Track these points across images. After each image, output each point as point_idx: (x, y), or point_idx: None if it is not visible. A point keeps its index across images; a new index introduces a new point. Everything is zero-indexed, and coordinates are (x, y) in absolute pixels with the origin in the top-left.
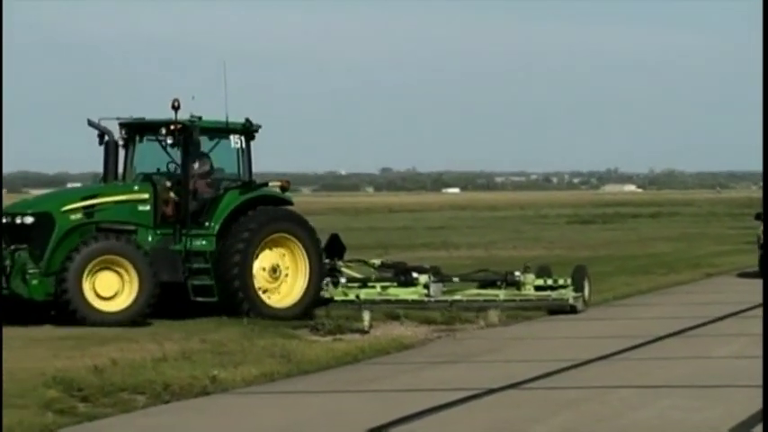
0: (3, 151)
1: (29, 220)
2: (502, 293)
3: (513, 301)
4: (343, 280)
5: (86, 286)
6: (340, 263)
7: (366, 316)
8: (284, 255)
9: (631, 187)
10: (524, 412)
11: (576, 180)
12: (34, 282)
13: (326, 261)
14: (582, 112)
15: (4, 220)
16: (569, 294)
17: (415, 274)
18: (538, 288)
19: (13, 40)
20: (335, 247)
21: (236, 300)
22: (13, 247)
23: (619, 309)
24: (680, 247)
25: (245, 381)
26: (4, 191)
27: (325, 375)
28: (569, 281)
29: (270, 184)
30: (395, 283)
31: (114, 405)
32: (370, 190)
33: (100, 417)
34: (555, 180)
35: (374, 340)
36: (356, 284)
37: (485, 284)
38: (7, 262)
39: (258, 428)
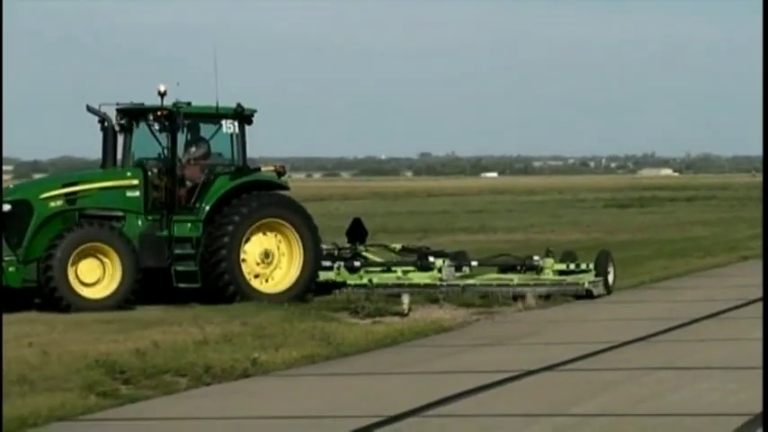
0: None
1: (6, 207)
2: (517, 278)
3: (527, 285)
4: (357, 264)
5: (71, 273)
6: (361, 247)
7: (405, 299)
8: (279, 240)
9: (668, 171)
10: (562, 394)
11: (613, 164)
12: (11, 269)
13: (348, 245)
14: (619, 97)
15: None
16: (585, 279)
17: (431, 259)
18: (562, 273)
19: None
20: (357, 232)
21: (220, 284)
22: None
23: (656, 291)
24: (716, 231)
25: (285, 363)
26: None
27: (365, 358)
28: (591, 266)
29: (263, 168)
30: (413, 268)
31: (156, 387)
32: (410, 175)
33: (142, 399)
34: (592, 164)
35: (413, 323)
36: (377, 269)
37: (505, 269)
38: None
39: (299, 410)
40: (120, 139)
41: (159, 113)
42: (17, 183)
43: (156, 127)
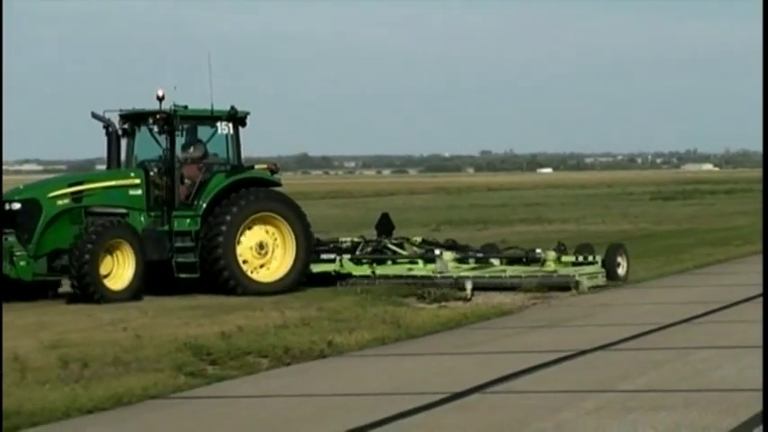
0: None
1: (16, 206)
2: (510, 269)
3: (519, 277)
4: (347, 256)
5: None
6: (385, 240)
7: (468, 285)
8: (273, 233)
9: (708, 166)
10: (613, 371)
11: (658, 160)
12: (22, 263)
13: (375, 238)
14: (663, 98)
15: (5, 206)
16: (576, 271)
17: (437, 251)
18: (574, 264)
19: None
20: (385, 226)
21: (221, 276)
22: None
23: (699, 277)
24: (754, 221)
25: (358, 345)
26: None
27: (432, 339)
28: (599, 258)
29: (256, 166)
30: (421, 261)
31: (240, 368)
32: (471, 171)
33: (227, 378)
34: (639, 160)
35: (476, 307)
36: (389, 261)
37: (512, 261)
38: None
39: (371, 388)
40: (124, 142)
41: (158, 117)
42: (27, 184)
43: (156, 129)
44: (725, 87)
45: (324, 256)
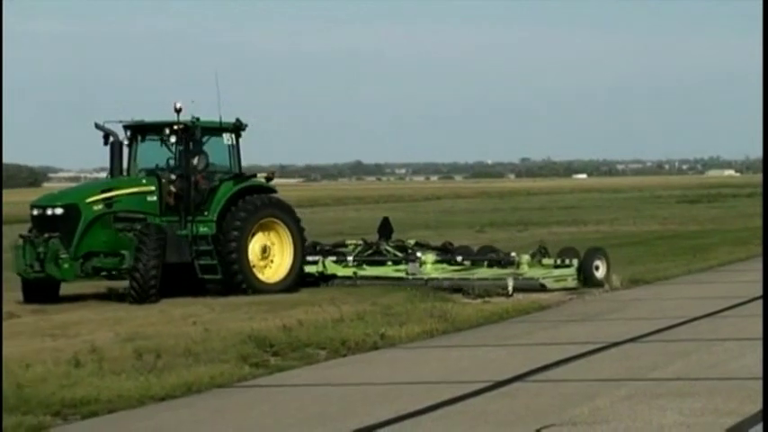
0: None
1: (59, 211)
2: (479, 271)
3: (486, 279)
4: (350, 258)
5: None
6: (383, 243)
7: (510, 282)
8: (273, 237)
9: (730, 172)
10: (643, 361)
11: (684, 166)
12: (66, 265)
13: (374, 241)
14: (688, 110)
15: (34, 212)
16: (542, 274)
17: (419, 254)
18: (556, 266)
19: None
20: (385, 229)
21: (236, 277)
22: (46, 235)
23: (722, 274)
24: None
25: (408, 337)
26: None
27: (476, 332)
28: (575, 262)
29: (258, 175)
30: (405, 263)
31: (300, 358)
32: (512, 177)
33: (288, 368)
34: (667, 166)
35: (516, 303)
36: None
37: (491, 264)
38: (41, 249)
39: (420, 377)
40: (121, 151)
41: (176, 128)
42: (62, 190)
43: (173, 140)
44: (745, 99)
45: (309, 258)
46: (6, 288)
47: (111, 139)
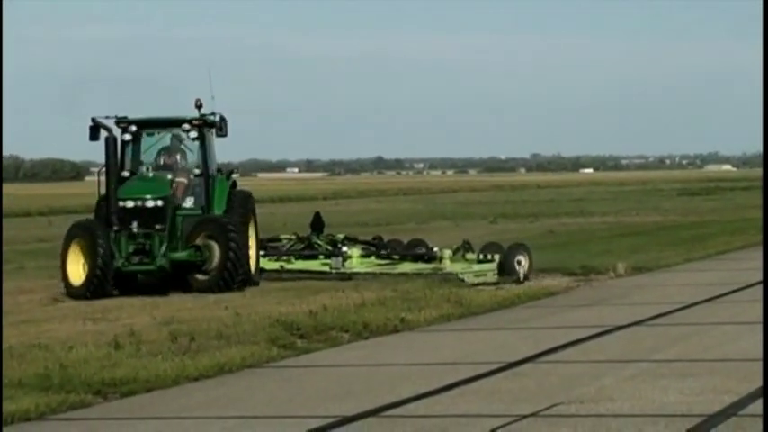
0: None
1: (160, 203)
2: (401, 266)
3: (405, 274)
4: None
5: None
6: (314, 237)
7: (521, 270)
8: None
9: (728, 166)
10: (646, 344)
11: (684, 161)
12: (171, 255)
13: (306, 236)
14: (688, 107)
15: (128, 204)
16: (462, 268)
17: (345, 249)
18: (480, 261)
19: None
20: (317, 224)
21: (238, 272)
22: (157, 227)
23: (720, 262)
24: None
25: (426, 321)
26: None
27: (490, 316)
28: (496, 257)
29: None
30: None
31: (325, 341)
32: (524, 171)
33: (313, 350)
34: (668, 161)
35: (528, 288)
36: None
37: (417, 258)
38: (141, 240)
39: (437, 358)
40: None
41: (195, 123)
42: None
43: (193, 135)
44: (742, 98)
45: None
46: (52, 275)
47: (105, 134)
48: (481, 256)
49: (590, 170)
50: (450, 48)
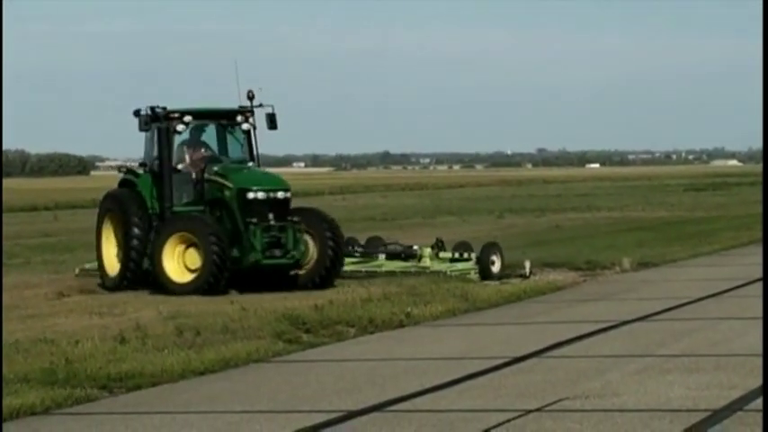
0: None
1: (288, 194)
2: (388, 264)
3: (375, 272)
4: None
5: None
6: None
7: (527, 264)
8: None
9: (734, 162)
10: (652, 339)
11: (690, 156)
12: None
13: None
14: (695, 102)
15: (259, 196)
16: (447, 267)
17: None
18: (452, 260)
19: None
20: None
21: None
22: (293, 219)
23: (726, 257)
24: None
25: (432, 316)
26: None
27: (496, 311)
28: (473, 256)
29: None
30: None
31: (331, 335)
32: (530, 166)
33: (319, 345)
34: (674, 156)
35: (534, 283)
36: None
37: (392, 256)
38: (275, 233)
39: (443, 353)
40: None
41: (248, 114)
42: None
43: (246, 127)
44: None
45: None
46: (58, 270)
47: (158, 125)
48: (456, 255)
49: (596, 165)
50: (456, 43)
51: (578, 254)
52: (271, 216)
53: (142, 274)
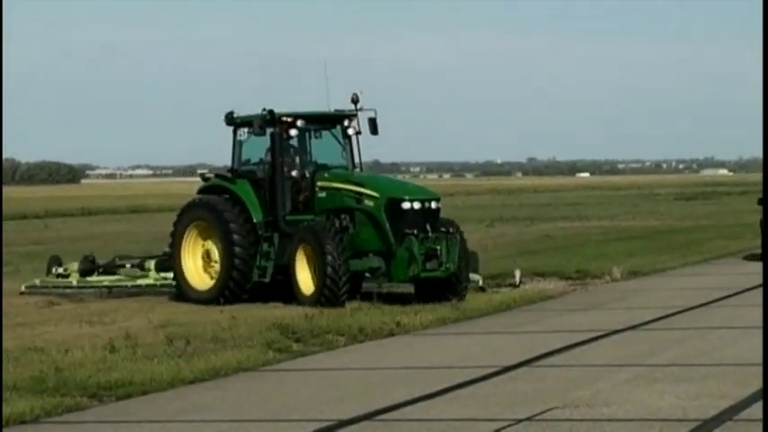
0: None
1: (440, 205)
2: (112, 279)
3: (155, 286)
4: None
5: None
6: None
7: (517, 273)
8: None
9: (724, 171)
10: (641, 348)
11: (680, 166)
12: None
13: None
14: (685, 112)
15: (415, 206)
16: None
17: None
18: None
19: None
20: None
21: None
22: (446, 230)
23: (716, 266)
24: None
25: (422, 324)
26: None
27: (486, 320)
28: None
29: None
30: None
31: (321, 344)
32: (520, 175)
33: (309, 354)
34: (664, 166)
35: (524, 293)
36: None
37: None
38: (430, 245)
39: (433, 362)
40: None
41: (353, 119)
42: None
43: (351, 132)
44: (738, 103)
45: None
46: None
47: (271, 129)
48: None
49: (586, 174)
50: (446, 51)
51: (568, 263)
52: (428, 227)
53: (251, 286)
